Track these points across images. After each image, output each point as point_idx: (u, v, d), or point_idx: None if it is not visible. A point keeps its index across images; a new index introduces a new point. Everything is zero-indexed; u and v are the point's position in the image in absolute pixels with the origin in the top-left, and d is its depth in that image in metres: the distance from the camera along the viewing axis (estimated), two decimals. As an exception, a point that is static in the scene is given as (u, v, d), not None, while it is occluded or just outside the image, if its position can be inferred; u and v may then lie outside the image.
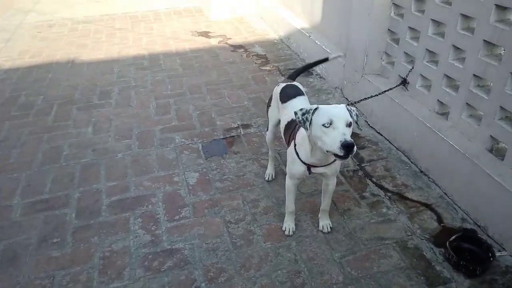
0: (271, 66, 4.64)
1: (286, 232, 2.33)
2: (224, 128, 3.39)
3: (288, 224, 2.35)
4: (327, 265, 2.13)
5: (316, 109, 1.77)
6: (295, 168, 2.07)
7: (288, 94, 2.33)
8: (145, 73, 4.49)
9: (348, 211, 2.49)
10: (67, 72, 4.59)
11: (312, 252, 2.21)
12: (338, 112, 1.73)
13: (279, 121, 2.40)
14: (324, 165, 2.00)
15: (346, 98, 3.80)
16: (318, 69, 4.38)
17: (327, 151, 1.73)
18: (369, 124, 3.39)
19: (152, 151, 3.12)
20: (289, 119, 2.19)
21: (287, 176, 2.21)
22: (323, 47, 4.20)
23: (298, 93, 2.35)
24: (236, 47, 5.22)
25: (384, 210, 2.49)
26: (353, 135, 3.21)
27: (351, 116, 1.75)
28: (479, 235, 2.22)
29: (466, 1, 2.39)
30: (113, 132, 3.37)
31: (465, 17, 2.45)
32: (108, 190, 2.70)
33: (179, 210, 2.53)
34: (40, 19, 6.53)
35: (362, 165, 2.91)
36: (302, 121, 1.78)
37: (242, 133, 3.32)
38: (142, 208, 2.55)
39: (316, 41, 4.35)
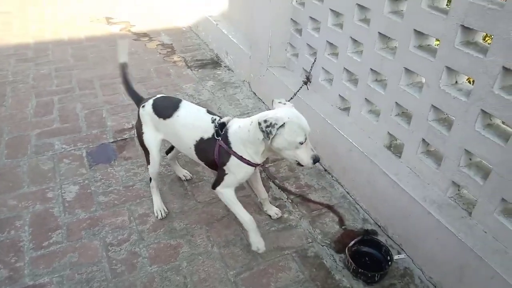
0: (177, 57, 4.28)
1: (261, 251, 2.00)
2: (116, 130, 2.99)
3: (258, 242, 1.99)
4: (220, 286, 1.90)
5: (283, 124, 1.68)
6: (244, 172, 1.91)
7: (167, 107, 2.02)
8: (27, 66, 3.88)
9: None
10: None
11: (205, 272, 1.97)
12: (306, 124, 1.74)
13: (161, 142, 2.11)
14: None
15: (254, 93, 3.59)
16: (226, 60, 4.11)
17: (295, 161, 1.78)
18: (275, 120, 3.21)
19: (23, 161, 2.63)
20: (197, 138, 1.94)
21: (224, 188, 1.94)
22: (230, 36, 3.93)
23: (177, 101, 2.04)
24: (139, 36, 4.75)
25: (286, 215, 2.33)
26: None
27: None
28: (377, 239, 2.13)
29: (361, -10, 2.25)
30: (-24, 140, 2.81)
31: (362, 7, 2.33)
32: (-41, 215, 2.21)
33: (50, 234, 2.12)
34: None
35: (266, 165, 2.72)
36: (264, 133, 1.68)
37: (135, 135, 2.95)
38: (2, 235, 2.10)
39: (224, 30, 4.07)
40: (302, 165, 1.79)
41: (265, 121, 1.68)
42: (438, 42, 1.88)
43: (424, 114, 1.99)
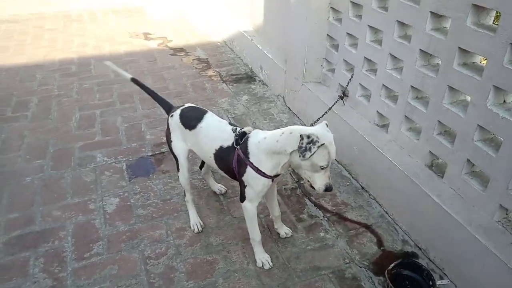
0: (213, 71, 4.36)
1: (266, 267, 2.06)
2: (154, 143, 3.07)
3: (263, 257, 2.08)
4: (256, 305, 1.89)
5: (322, 145, 1.66)
6: (261, 185, 1.88)
7: (192, 118, 2.07)
8: (71, 80, 4.06)
9: (283, 237, 2.26)
10: (-19, 79, 4.07)
11: (241, 290, 1.97)
12: (335, 153, 1.72)
13: (188, 151, 2.18)
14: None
15: (288, 107, 3.59)
16: (261, 75, 4.14)
17: (308, 182, 1.79)
18: (310, 135, 3.19)
19: (67, 173, 2.74)
20: (217, 147, 1.97)
21: (246, 202, 1.95)
22: (265, 51, 3.97)
23: (202, 112, 2.09)
24: (176, 50, 4.88)
25: (322, 234, 2.29)
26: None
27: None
28: (419, 262, 2.06)
29: (402, 7, 2.22)
30: (24, 151, 2.95)
31: (402, 24, 2.29)
32: (8, 224, 2.31)
33: (91, 245, 2.19)
34: (-42, 18, 5.86)
35: (301, 182, 2.70)
36: (303, 148, 1.66)
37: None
38: (47, 245, 2.19)
39: (258, 45, 4.11)
40: (313, 188, 1.77)
41: (309, 136, 1.64)
42: (485, 61, 1.83)
43: (469, 133, 1.92)
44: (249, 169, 1.85)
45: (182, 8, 6.09)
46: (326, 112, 2.75)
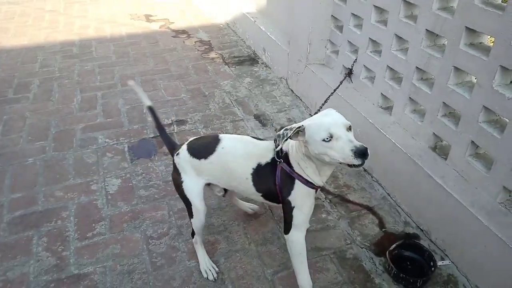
0: (215, 53, 4.31)
1: None
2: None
3: None
4: (257, 284, 1.90)
5: (300, 127, 1.51)
6: (310, 203, 1.68)
7: (205, 145, 1.80)
8: (73, 62, 4.03)
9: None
10: (-18, 61, 4.05)
11: (242, 269, 1.98)
12: (333, 120, 1.50)
13: (203, 189, 1.85)
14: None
15: (291, 90, 3.56)
16: (263, 57, 4.10)
17: (340, 163, 1.48)
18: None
19: (69, 154, 2.74)
20: (254, 165, 1.69)
21: (294, 232, 1.68)
22: (268, 33, 3.91)
23: (214, 136, 1.82)
24: (178, 32, 4.83)
25: (324, 215, 2.29)
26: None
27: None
28: (420, 243, 2.06)
29: (408, -15, 2.17)
30: (26, 132, 2.95)
31: (408, 3, 2.24)
32: (11, 204, 2.32)
33: (94, 225, 2.20)
34: (-42, -1, 5.80)
35: (304, 164, 2.68)
36: (278, 136, 1.52)
37: (175, 131, 3.00)
38: (50, 225, 2.20)
39: (262, 27, 4.06)
40: (351, 166, 1.46)
41: (284, 128, 1.53)
42: (492, 40, 1.79)
43: (474, 115, 1.90)
44: (297, 184, 1.62)
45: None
46: (331, 94, 2.72)
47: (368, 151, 1.43)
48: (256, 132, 3.01)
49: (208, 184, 1.87)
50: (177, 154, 1.84)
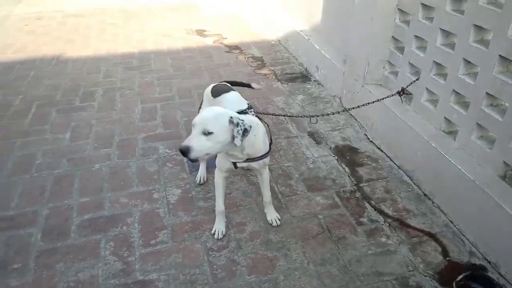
0: (267, 70, 4.39)
1: (216, 236, 2.25)
2: (213, 138, 3.13)
3: (218, 228, 2.27)
4: (317, 305, 1.90)
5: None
6: (222, 161, 2.11)
7: (220, 90, 2.31)
8: (133, 74, 4.23)
9: (343, 239, 2.25)
10: (51, 70, 4.33)
11: (301, 289, 1.98)
12: (201, 117, 1.82)
13: None
14: (244, 161, 2.03)
15: (345, 109, 3.55)
16: (316, 75, 4.13)
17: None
18: (369, 139, 3.15)
19: (132, 162, 2.87)
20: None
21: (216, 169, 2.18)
22: (323, 52, 3.95)
23: (231, 89, 2.34)
24: (231, 48, 4.96)
25: (384, 239, 2.26)
26: (352, 149, 3.01)
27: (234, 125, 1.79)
28: (489, 275, 1.98)
29: (481, 11, 2.14)
30: (92, 139, 3.11)
31: (479, 28, 2.20)
32: (80, 207, 2.46)
33: (156, 233, 2.28)
34: (29, 11, 6.26)
35: (361, 184, 2.67)
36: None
37: (231, 144, 3.07)
38: (116, 230, 2.30)
39: (315, 45, 4.10)
40: None
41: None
42: None
43: (553, 146, 1.82)
44: None
45: (236, 5, 6.17)
46: (375, 101, 2.72)
47: (190, 153, 1.75)
48: (310, 149, 3.02)
49: None
50: (209, 85, 2.42)
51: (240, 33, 5.45)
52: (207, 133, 1.76)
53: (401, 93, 2.78)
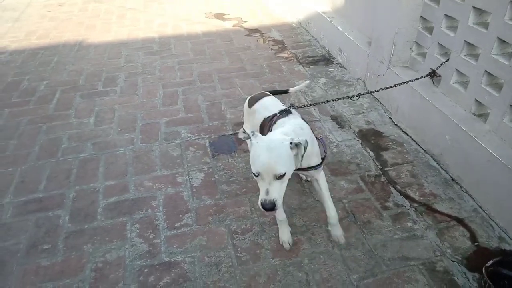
0: (288, 53, 4.32)
1: (286, 246, 2.10)
2: (234, 122, 3.12)
3: (283, 240, 2.10)
4: (343, 289, 1.89)
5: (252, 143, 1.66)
6: None
7: (254, 99, 2.22)
8: (154, 58, 4.24)
9: (368, 223, 2.22)
10: (74, 55, 4.38)
11: (327, 272, 1.97)
12: (264, 164, 1.55)
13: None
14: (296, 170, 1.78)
15: (369, 91, 3.46)
16: (339, 57, 4.04)
17: None
18: (394, 122, 3.07)
19: (155, 146, 2.89)
20: (261, 118, 2.06)
21: None
22: (346, 33, 3.85)
23: (265, 94, 2.23)
24: (251, 31, 4.90)
25: (410, 224, 2.22)
26: (376, 133, 2.94)
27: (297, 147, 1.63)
28: (520, 261, 1.92)
29: (518, -15, 2.03)
30: (116, 124, 3.15)
31: (516, 4, 2.09)
32: (106, 190, 2.50)
33: (181, 216, 2.30)
34: (51, -3, 6.31)
35: (385, 169, 2.61)
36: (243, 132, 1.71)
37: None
38: (141, 212, 2.33)
39: (338, 27, 4.00)
40: None
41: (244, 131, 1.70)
42: None
43: None
44: None
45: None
46: (401, 84, 2.63)
47: (276, 206, 1.54)
48: (334, 133, 2.98)
49: None
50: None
51: (260, 16, 5.37)
52: (279, 177, 1.56)
53: (432, 75, 2.69)
